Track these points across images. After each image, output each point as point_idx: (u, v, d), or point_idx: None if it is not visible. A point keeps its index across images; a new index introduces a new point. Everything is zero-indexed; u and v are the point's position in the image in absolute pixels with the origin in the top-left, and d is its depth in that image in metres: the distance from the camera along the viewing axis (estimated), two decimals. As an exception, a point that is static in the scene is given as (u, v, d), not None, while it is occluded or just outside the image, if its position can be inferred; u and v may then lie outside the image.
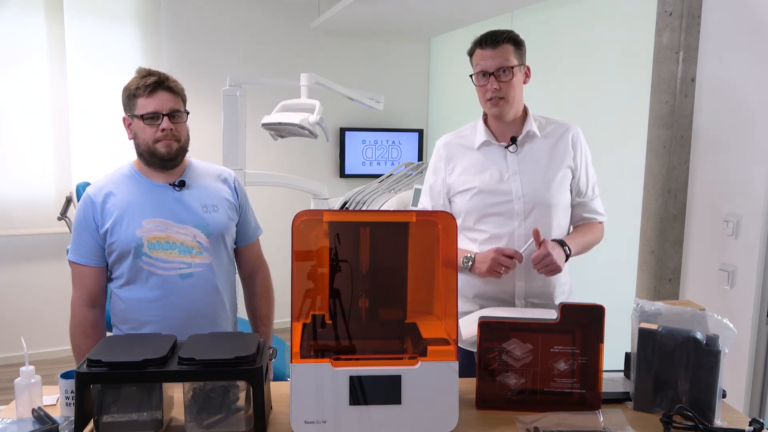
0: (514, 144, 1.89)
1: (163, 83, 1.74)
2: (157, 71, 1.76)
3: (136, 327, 1.78)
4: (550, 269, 1.78)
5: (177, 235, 1.75)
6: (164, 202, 1.77)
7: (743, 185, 2.17)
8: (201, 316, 1.78)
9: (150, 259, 1.73)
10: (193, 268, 1.76)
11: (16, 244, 4.14)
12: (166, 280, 1.74)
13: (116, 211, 1.74)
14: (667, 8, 2.41)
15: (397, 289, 1.56)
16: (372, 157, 5.00)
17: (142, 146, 1.76)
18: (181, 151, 1.78)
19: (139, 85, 1.73)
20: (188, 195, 1.80)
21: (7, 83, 3.99)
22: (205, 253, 1.78)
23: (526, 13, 3.71)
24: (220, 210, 1.82)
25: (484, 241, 1.90)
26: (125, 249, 1.73)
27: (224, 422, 1.37)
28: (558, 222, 1.90)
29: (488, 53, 1.83)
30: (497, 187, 1.87)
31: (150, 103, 1.72)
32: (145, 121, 1.72)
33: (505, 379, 1.51)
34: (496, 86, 1.82)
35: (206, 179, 1.86)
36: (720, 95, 2.27)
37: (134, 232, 1.72)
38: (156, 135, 1.72)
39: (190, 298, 1.76)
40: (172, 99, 1.75)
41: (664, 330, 1.48)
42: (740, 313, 2.17)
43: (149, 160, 1.77)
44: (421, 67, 5.11)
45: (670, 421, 1.38)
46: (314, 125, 3.08)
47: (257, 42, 4.59)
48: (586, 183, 1.95)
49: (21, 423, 1.43)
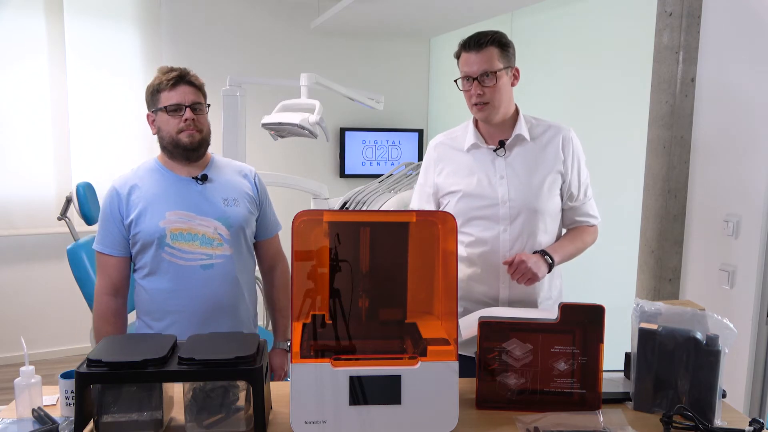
0: (503, 147, 1.88)
1: (185, 77, 1.82)
2: (178, 67, 1.85)
3: (159, 317, 1.84)
4: (527, 277, 1.77)
5: (199, 227, 1.81)
6: (187, 195, 1.83)
7: (743, 185, 2.17)
8: (222, 307, 1.84)
9: (172, 249, 1.79)
10: (214, 259, 1.82)
11: (16, 244, 4.14)
12: (187, 270, 1.80)
13: (141, 203, 1.81)
14: (667, 8, 2.41)
15: (397, 289, 1.56)
16: (372, 157, 5.00)
17: (166, 138, 1.82)
18: (203, 142, 1.84)
19: (162, 80, 1.81)
20: (210, 188, 1.86)
21: (7, 83, 3.99)
22: (226, 245, 1.84)
23: (526, 13, 3.71)
24: (241, 204, 1.88)
25: (469, 244, 1.89)
26: (149, 240, 1.79)
27: (224, 422, 1.37)
28: (545, 227, 1.88)
29: (472, 57, 1.80)
30: (483, 191, 1.86)
31: (173, 96, 1.79)
32: (169, 113, 1.80)
33: (505, 379, 1.51)
34: (480, 91, 1.80)
35: (228, 174, 1.93)
36: (720, 95, 2.27)
37: (158, 224, 1.78)
38: (179, 125, 1.79)
39: (210, 288, 1.82)
40: (193, 92, 1.82)
41: (664, 330, 1.48)
42: (740, 313, 2.17)
43: (173, 152, 1.84)
44: (421, 67, 5.11)
45: (670, 421, 1.38)
46: (314, 125, 3.08)
47: (257, 42, 4.60)
48: (578, 186, 1.93)
49: (21, 423, 1.43)
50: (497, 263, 1.86)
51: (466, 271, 1.90)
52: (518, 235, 1.85)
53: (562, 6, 3.39)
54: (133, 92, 4.31)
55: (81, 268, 2.79)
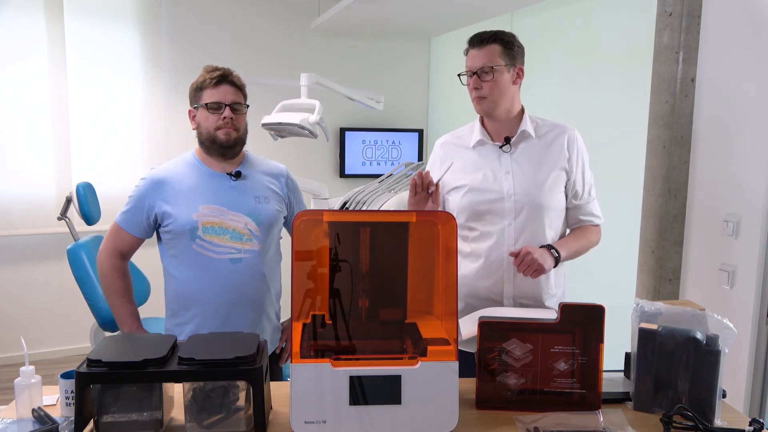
0: (508, 144, 1.91)
1: (227, 77, 1.90)
2: (222, 66, 1.93)
3: (187, 306, 1.91)
4: (533, 268, 1.78)
5: (230, 221, 1.87)
6: (220, 190, 1.90)
7: (743, 185, 2.17)
8: (248, 300, 1.90)
9: (203, 242, 1.86)
10: (243, 253, 1.88)
11: (16, 244, 4.14)
12: (216, 263, 1.86)
13: (176, 194, 1.88)
14: (667, 8, 2.41)
15: (397, 289, 1.56)
16: (372, 157, 5.00)
17: (204, 134, 1.90)
18: (239, 140, 1.91)
19: (205, 78, 1.89)
20: (243, 185, 1.93)
21: (7, 83, 3.99)
22: (255, 240, 1.90)
23: (526, 13, 3.71)
24: (271, 202, 1.96)
25: (474, 238, 1.91)
26: (181, 231, 1.86)
27: (224, 422, 1.37)
28: (550, 222, 1.90)
29: (474, 53, 1.88)
30: (489, 185, 1.89)
31: (214, 94, 1.88)
32: (209, 110, 1.87)
33: (505, 379, 1.51)
34: (478, 85, 1.86)
35: (260, 172, 2.00)
36: (720, 95, 2.27)
37: (191, 216, 1.85)
38: (218, 123, 1.87)
39: (237, 282, 1.88)
40: (234, 92, 1.90)
41: (664, 330, 1.48)
42: (740, 313, 2.17)
43: (209, 148, 1.91)
44: (421, 67, 5.11)
45: (670, 421, 1.38)
46: (314, 125, 3.08)
47: (257, 42, 4.59)
48: (582, 185, 1.94)
49: (21, 423, 1.43)
50: (502, 257, 1.87)
51: (470, 267, 1.91)
52: (522, 230, 1.87)
53: (562, 6, 3.39)
54: (133, 92, 4.31)
55: (81, 268, 2.79)
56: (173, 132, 4.43)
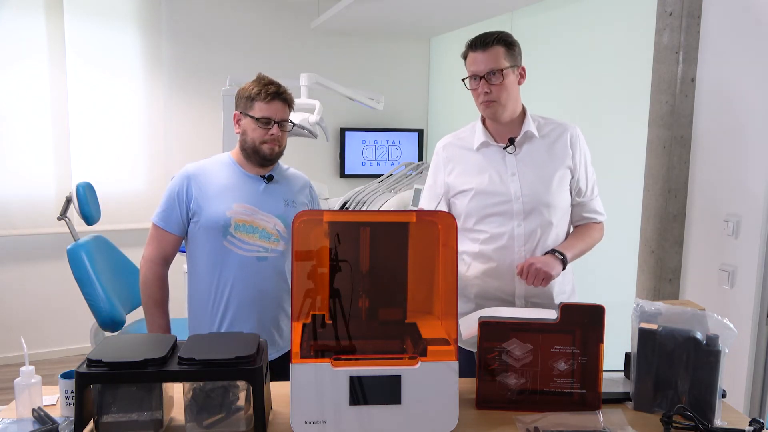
0: (512, 145, 1.90)
1: (281, 95, 1.96)
2: (276, 82, 1.98)
3: (212, 300, 1.96)
4: (541, 277, 1.78)
5: (260, 221, 1.95)
6: (253, 191, 1.98)
7: (743, 185, 2.17)
8: (269, 297, 1.98)
9: (233, 239, 1.93)
10: (269, 252, 1.97)
11: (16, 244, 4.13)
12: (244, 260, 1.94)
13: (210, 191, 1.95)
14: (667, 8, 2.41)
15: (397, 289, 1.56)
16: (372, 157, 5.00)
17: (249, 143, 1.96)
18: (280, 155, 2.01)
19: (260, 91, 1.94)
20: (274, 188, 2.02)
21: (7, 83, 3.99)
22: (281, 241, 1.99)
23: (526, 13, 3.71)
24: (298, 206, 2.05)
25: (484, 240, 1.90)
26: (214, 226, 1.92)
27: (224, 422, 1.37)
28: (557, 221, 1.90)
29: (479, 56, 1.84)
30: (496, 188, 1.88)
31: (266, 109, 1.93)
32: (259, 123, 1.93)
33: (505, 379, 1.51)
34: (487, 89, 1.83)
35: (289, 179, 2.10)
36: (720, 95, 2.27)
37: (225, 212, 1.92)
38: (264, 137, 1.94)
39: (261, 279, 1.96)
40: (283, 109, 1.97)
41: (664, 330, 1.48)
42: (740, 313, 2.17)
43: (251, 156, 1.98)
44: (421, 67, 5.11)
45: (670, 421, 1.38)
46: (314, 125, 3.08)
47: (257, 42, 4.59)
48: (586, 183, 1.95)
49: (21, 423, 1.43)
50: (512, 258, 1.87)
51: (481, 268, 1.91)
52: (532, 230, 1.87)
53: (562, 6, 3.39)
54: (133, 92, 4.31)
55: (81, 268, 2.79)
56: (173, 132, 4.43)
